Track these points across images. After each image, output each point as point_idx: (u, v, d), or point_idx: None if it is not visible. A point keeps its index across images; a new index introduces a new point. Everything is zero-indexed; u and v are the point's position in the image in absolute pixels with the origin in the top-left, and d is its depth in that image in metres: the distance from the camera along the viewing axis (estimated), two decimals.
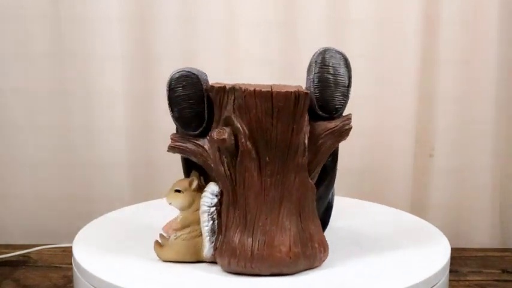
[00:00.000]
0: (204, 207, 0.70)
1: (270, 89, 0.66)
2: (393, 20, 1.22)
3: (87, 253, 0.76)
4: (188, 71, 0.70)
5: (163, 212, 0.76)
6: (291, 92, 0.66)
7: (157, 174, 1.26)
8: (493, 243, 1.31)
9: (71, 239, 0.81)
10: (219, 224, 0.70)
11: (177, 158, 0.77)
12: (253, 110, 0.66)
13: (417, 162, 1.28)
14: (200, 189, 0.72)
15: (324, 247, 0.71)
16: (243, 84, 0.68)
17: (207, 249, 0.71)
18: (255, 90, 0.66)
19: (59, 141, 1.27)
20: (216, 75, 1.23)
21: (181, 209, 0.73)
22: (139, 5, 1.21)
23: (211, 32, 1.22)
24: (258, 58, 1.23)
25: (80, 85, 1.24)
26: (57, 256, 1.18)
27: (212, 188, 0.71)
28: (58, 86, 1.24)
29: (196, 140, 0.71)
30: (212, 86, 0.69)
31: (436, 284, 0.71)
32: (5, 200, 1.29)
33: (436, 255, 0.76)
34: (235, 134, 0.67)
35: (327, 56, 0.70)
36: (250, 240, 0.68)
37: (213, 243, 0.71)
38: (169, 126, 0.76)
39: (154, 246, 0.73)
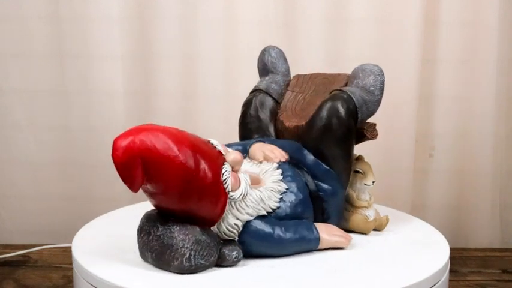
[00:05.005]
0: None
1: None
2: (393, 20, 1.22)
3: (87, 253, 0.76)
4: None
5: None
6: None
7: None
8: (493, 243, 1.31)
9: (71, 239, 0.81)
10: None
11: None
12: None
13: (417, 162, 1.28)
14: None
15: None
16: None
17: None
18: None
19: (59, 141, 1.27)
20: (216, 75, 1.25)
21: None
22: (139, 5, 1.21)
23: (211, 32, 1.22)
24: None
25: (80, 85, 1.24)
26: (57, 256, 1.18)
27: None
28: (58, 86, 1.24)
29: None
30: None
31: (436, 284, 0.71)
32: (5, 200, 1.29)
33: (435, 255, 0.76)
34: None
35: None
36: None
37: None
38: None
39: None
